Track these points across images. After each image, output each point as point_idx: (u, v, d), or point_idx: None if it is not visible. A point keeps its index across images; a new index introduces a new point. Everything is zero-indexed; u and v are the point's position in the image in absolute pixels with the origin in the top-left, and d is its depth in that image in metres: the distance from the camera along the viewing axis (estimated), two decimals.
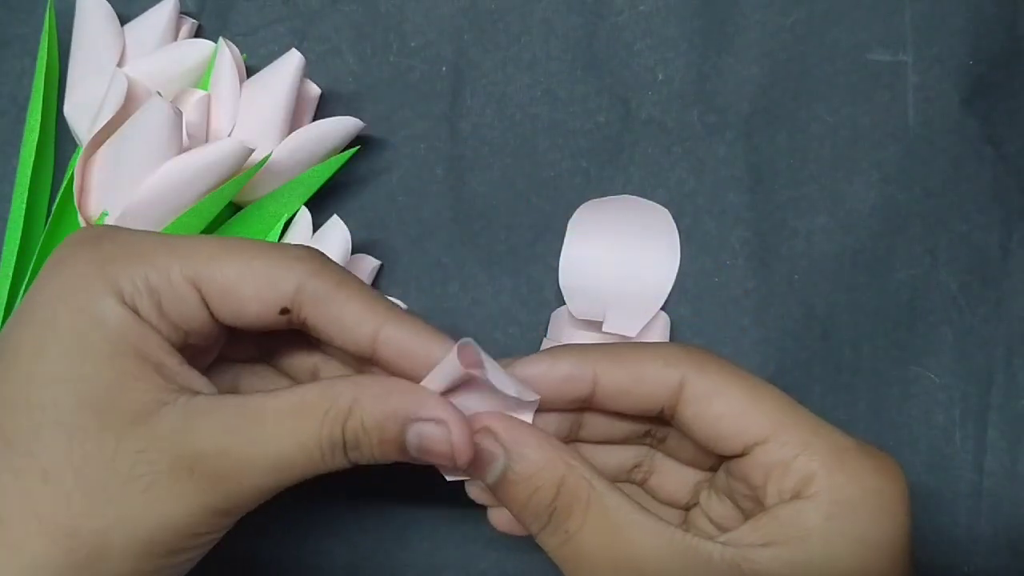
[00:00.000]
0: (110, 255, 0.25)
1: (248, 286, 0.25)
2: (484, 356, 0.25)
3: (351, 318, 0.26)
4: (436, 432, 0.25)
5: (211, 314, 0.26)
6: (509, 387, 0.26)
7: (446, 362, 0.26)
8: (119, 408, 0.24)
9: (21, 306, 0.25)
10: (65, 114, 0.36)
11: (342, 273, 0.27)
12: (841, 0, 0.39)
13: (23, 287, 0.34)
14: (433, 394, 0.26)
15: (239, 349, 0.29)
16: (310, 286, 0.26)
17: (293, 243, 0.29)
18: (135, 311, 0.25)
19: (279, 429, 0.25)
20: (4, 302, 0.34)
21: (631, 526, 0.25)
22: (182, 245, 0.26)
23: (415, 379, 0.26)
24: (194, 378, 0.25)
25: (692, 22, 0.39)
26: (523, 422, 0.27)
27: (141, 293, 0.25)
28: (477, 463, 0.26)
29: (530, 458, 0.26)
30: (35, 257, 0.35)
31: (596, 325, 0.37)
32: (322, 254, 0.27)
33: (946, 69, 0.38)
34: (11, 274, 0.35)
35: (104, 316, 0.24)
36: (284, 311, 0.26)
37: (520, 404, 0.27)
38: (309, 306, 0.26)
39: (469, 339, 0.25)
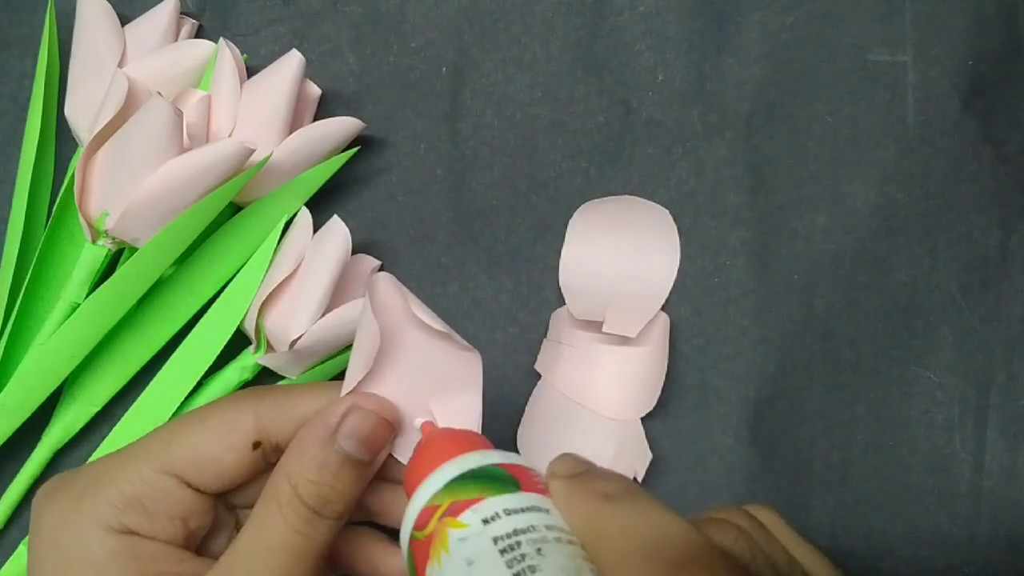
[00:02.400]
0: (81, 491, 0.26)
1: (213, 442, 0.26)
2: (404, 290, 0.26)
3: (307, 413, 0.27)
4: (355, 419, 0.26)
5: (197, 490, 0.26)
6: (432, 320, 0.27)
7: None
8: None
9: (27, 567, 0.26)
10: (66, 114, 0.36)
11: (287, 386, 0.28)
12: (841, 0, 0.39)
13: (23, 287, 0.34)
14: (334, 402, 0.27)
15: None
16: (264, 408, 0.27)
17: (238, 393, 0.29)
18: (126, 529, 0.25)
19: (256, 560, 0.25)
20: (4, 302, 0.35)
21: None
22: (140, 448, 0.27)
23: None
24: (196, 569, 0.26)
25: (692, 22, 0.39)
26: None
27: (123, 509, 0.25)
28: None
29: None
30: (35, 257, 0.35)
31: (596, 325, 0.37)
32: (268, 387, 0.28)
33: (946, 69, 0.38)
34: (11, 274, 0.35)
35: (92, 552, 0.25)
36: (256, 444, 0.27)
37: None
38: (273, 427, 0.27)
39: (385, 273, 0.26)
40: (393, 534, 0.27)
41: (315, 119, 0.37)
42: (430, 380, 0.28)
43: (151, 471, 0.26)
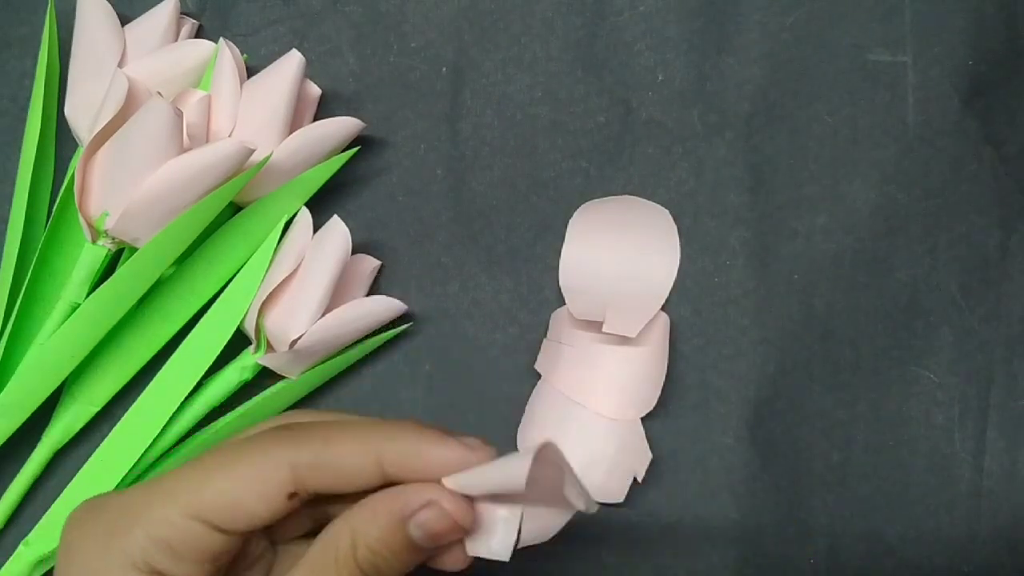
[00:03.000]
0: (111, 527, 0.25)
1: (245, 492, 0.25)
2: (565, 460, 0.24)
3: (349, 463, 0.26)
4: (431, 515, 0.25)
5: (226, 531, 0.26)
6: (579, 499, 0.25)
7: (499, 466, 0.25)
8: None
9: None
10: (66, 114, 0.36)
11: (325, 427, 0.27)
12: (841, 0, 0.39)
13: (23, 287, 0.34)
14: (416, 485, 0.26)
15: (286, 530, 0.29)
16: (302, 458, 0.26)
17: (270, 427, 0.28)
18: (153, 571, 0.25)
19: None
20: (4, 302, 0.35)
21: None
22: (169, 488, 0.26)
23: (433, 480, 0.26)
24: None
25: (692, 22, 0.39)
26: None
27: (151, 551, 0.25)
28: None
29: None
30: (35, 257, 0.35)
31: (596, 325, 0.37)
32: (299, 421, 0.27)
33: (946, 69, 0.38)
34: (11, 274, 0.35)
35: None
36: (292, 495, 0.26)
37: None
38: (311, 478, 0.26)
39: (550, 442, 0.24)
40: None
41: (315, 119, 0.37)
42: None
43: (179, 515, 0.25)
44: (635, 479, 0.36)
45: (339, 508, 0.27)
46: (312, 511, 0.28)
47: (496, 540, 0.26)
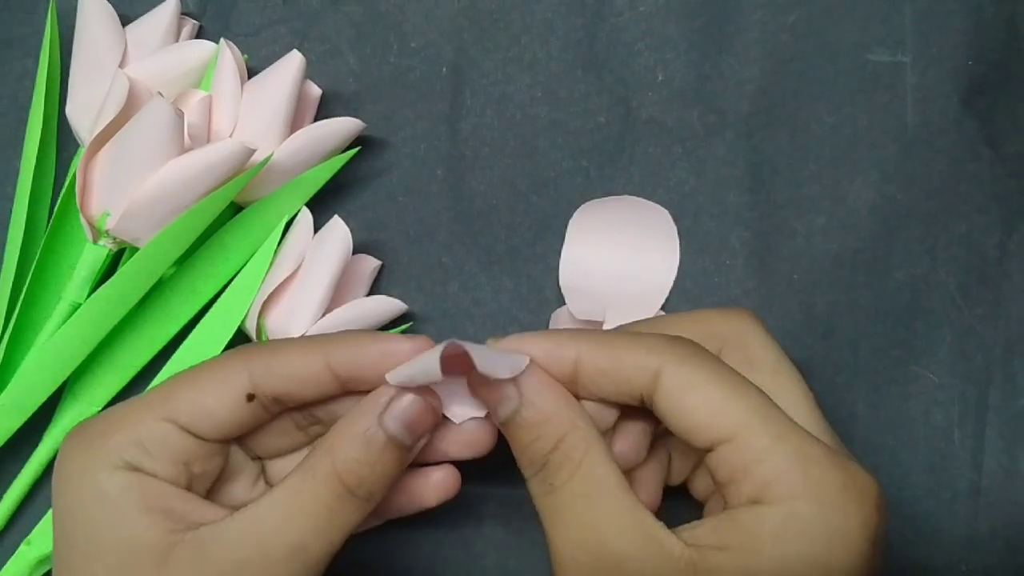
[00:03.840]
0: (92, 436, 0.27)
1: (207, 398, 0.27)
2: (470, 347, 0.26)
3: (299, 366, 0.27)
4: (402, 402, 0.27)
5: (198, 437, 0.27)
6: (504, 371, 0.27)
7: (422, 360, 0.27)
8: (139, 560, 0.26)
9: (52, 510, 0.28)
10: (67, 115, 0.36)
11: (278, 341, 0.29)
12: (841, 0, 0.39)
13: (25, 287, 0.34)
14: (386, 386, 0.27)
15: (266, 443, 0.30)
16: (256, 365, 0.27)
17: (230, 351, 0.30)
18: (131, 466, 0.27)
19: (277, 523, 0.26)
20: (6, 303, 0.35)
21: (609, 499, 0.26)
22: (142, 400, 0.28)
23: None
24: (203, 509, 0.27)
25: (692, 22, 0.39)
26: (544, 370, 0.28)
27: (128, 450, 0.27)
28: (493, 398, 0.27)
29: (540, 407, 0.27)
30: (37, 258, 0.35)
31: (597, 324, 0.37)
32: (257, 344, 0.29)
33: (945, 69, 0.39)
34: (13, 275, 0.35)
35: (102, 487, 0.26)
36: (250, 397, 0.27)
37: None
38: (265, 383, 0.27)
39: (453, 340, 0.26)
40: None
41: (315, 119, 0.38)
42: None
43: (153, 419, 0.27)
44: None
45: (294, 390, 0.29)
46: (300, 423, 0.30)
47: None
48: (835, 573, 0.25)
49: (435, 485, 0.30)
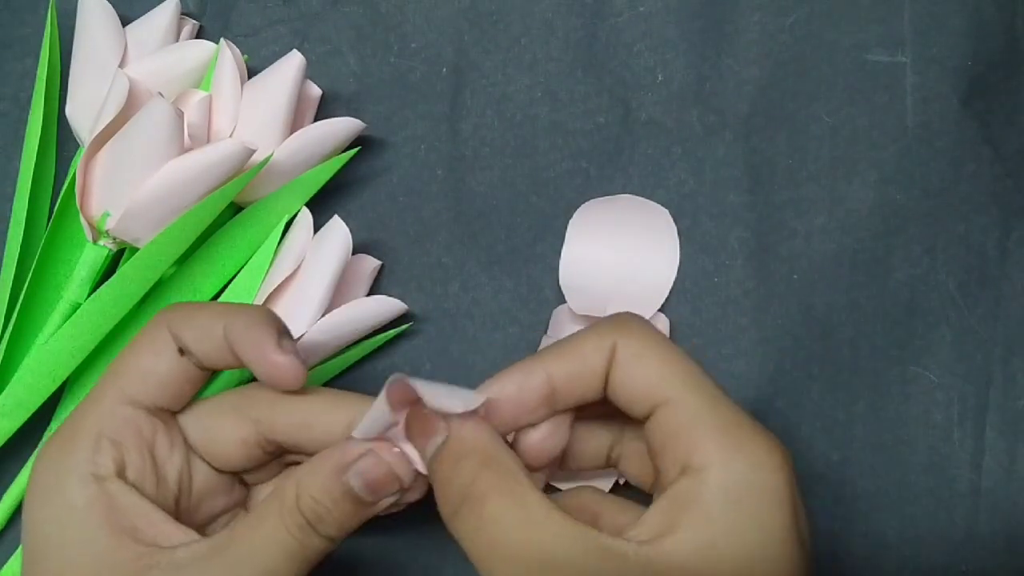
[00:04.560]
0: (62, 440, 0.28)
1: (145, 357, 0.28)
2: (418, 383, 0.26)
3: (203, 325, 0.28)
4: (368, 463, 0.27)
5: (145, 405, 0.28)
6: (456, 405, 0.27)
7: (374, 408, 0.27)
8: None
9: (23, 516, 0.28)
10: (67, 115, 0.36)
11: (197, 304, 0.30)
12: (841, 1, 0.39)
13: (25, 287, 0.34)
14: (354, 440, 0.28)
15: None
16: (175, 320, 0.29)
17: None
18: (100, 474, 0.27)
19: (250, 548, 0.26)
20: (6, 302, 0.35)
21: (548, 522, 0.25)
22: (99, 385, 0.29)
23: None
24: (173, 532, 0.27)
25: (692, 23, 0.39)
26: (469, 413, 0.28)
27: (95, 449, 0.27)
28: (423, 435, 0.27)
29: (462, 437, 0.27)
30: (37, 257, 0.35)
31: None
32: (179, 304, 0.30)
33: (945, 70, 0.39)
34: (13, 274, 0.35)
35: (72, 499, 0.27)
36: (181, 351, 0.28)
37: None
38: (190, 336, 0.28)
39: (397, 375, 0.26)
40: None
41: (315, 119, 0.38)
42: None
43: (110, 403, 0.28)
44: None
45: (306, 442, 0.29)
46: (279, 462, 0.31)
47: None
48: (777, 531, 0.25)
49: None
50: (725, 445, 0.25)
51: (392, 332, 0.37)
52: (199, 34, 0.39)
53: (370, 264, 0.37)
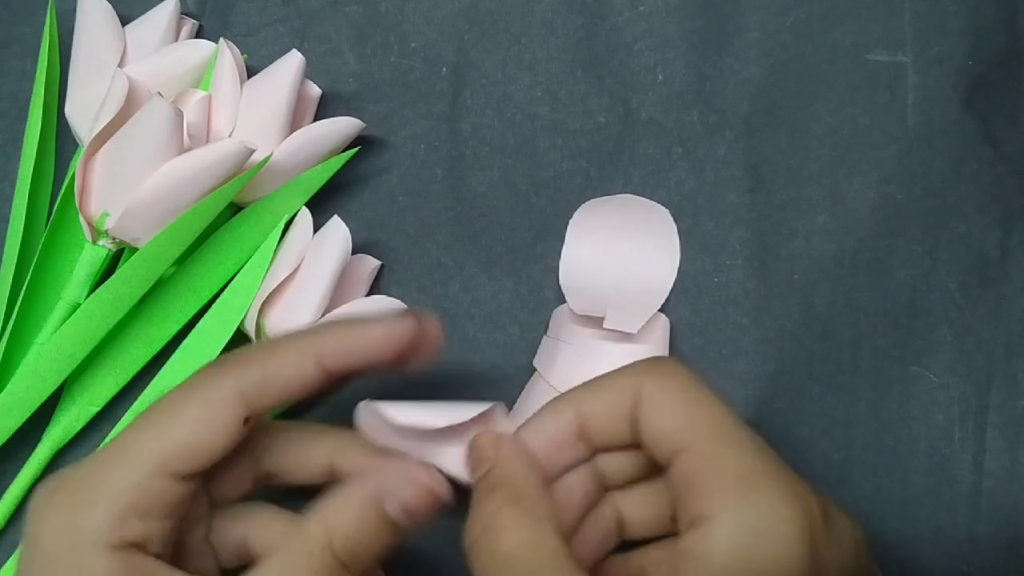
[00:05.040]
0: (78, 501, 0.25)
1: (202, 430, 0.26)
2: (380, 406, 0.27)
3: (291, 370, 0.27)
4: (406, 489, 0.26)
5: (188, 476, 0.26)
6: (438, 420, 0.27)
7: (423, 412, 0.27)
8: None
9: None
10: (66, 114, 0.36)
11: (262, 345, 0.29)
12: (841, 0, 0.39)
13: (24, 287, 0.34)
14: (391, 464, 0.27)
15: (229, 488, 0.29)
16: (248, 380, 0.26)
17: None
18: (124, 544, 0.25)
19: None
20: (5, 302, 0.35)
21: (553, 569, 0.25)
22: (132, 447, 0.26)
23: None
24: None
25: (692, 22, 0.39)
26: (522, 444, 0.28)
27: (122, 520, 0.25)
28: (474, 464, 0.27)
29: (500, 471, 0.27)
30: (36, 257, 0.35)
31: (597, 323, 0.37)
32: (244, 351, 0.28)
33: (946, 69, 0.39)
34: (12, 274, 0.35)
35: (90, 573, 0.24)
36: (247, 420, 0.26)
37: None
38: (259, 397, 0.26)
39: (364, 403, 0.26)
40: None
41: (315, 119, 0.37)
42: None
43: (146, 475, 0.25)
44: None
45: (285, 470, 0.29)
46: (253, 469, 0.29)
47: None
48: None
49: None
50: (737, 495, 0.25)
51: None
52: (199, 34, 0.39)
53: (370, 264, 0.37)
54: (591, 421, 0.27)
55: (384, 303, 0.36)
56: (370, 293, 0.38)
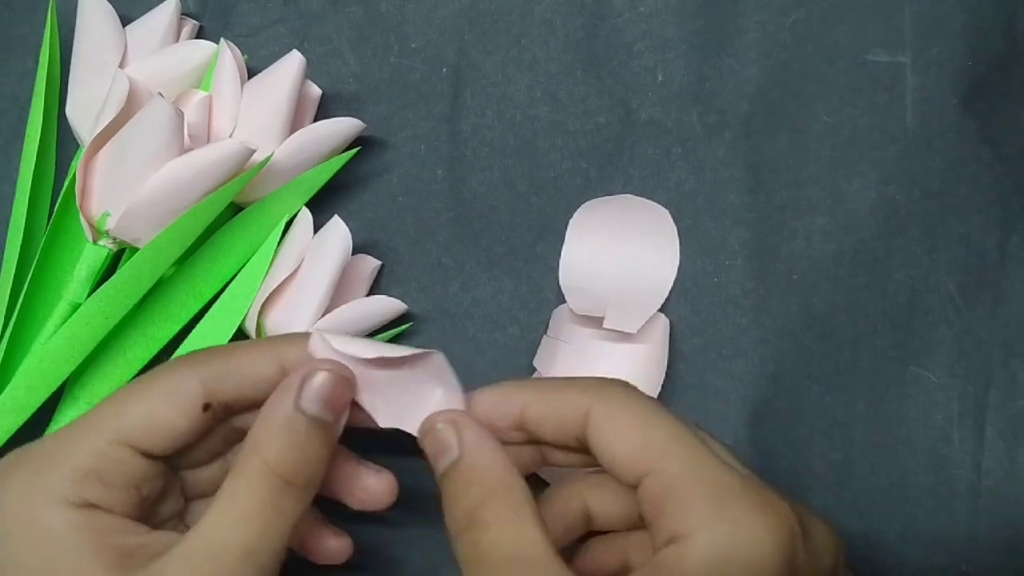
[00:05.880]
0: (39, 465, 0.26)
1: (164, 409, 0.27)
2: (327, 334, 0.27)
3: (252, 370, 0.27)
4: (315, 382, 0.27)
5: (149, 456, 0.27)
6: (368, 351, 0.27)
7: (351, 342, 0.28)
8: None
9: None
10: (67, 115, 0.36)
11: (230, 345, 0.29)
12: (841, 1, 0.39)
13: (24, 287, 0.34)
14: (295, 371, 0.27)
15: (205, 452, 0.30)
16: (209, 371, 0.27)
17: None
18: (85, 503, 0.25)
19: (227, 531, 0.25)
20: (6, 303, 0.35)
21: (545, 567, 0.25)
22: (93, 419, 0.27)
23: None
24: (156, 540, 0.26)
25: (692, 23, 0.39)
26: (483, 427, 0.28)
27: (81, 482, 0.26)
28: (436, 451, 0.27)
29: (474, 462, 0.27)
30: (37, 258, 0.35)
31: (596, 323, 0.37)
32: (210, 349, 0.29)
33: (945, 70, 0.39)
34: (13, 274, 0.35)
35: (53, 526, 0.25)
36: (206, 407, 0.27)
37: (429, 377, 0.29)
38: (220, 390, 0.27)
39: (317, 330, 0.27)
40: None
41: (315, 119, 0.38)
42: (408, 394, 0.29)
43: (106, 443, 0.26)
44: None
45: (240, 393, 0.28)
46: (219, 431, 0.29)
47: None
48: None
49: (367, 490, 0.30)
50: (710, 511, 0.25)
51: (392, 332, 0.37)
52: (199, 34, 0.39)
53: (370, 264, 0.37)
54: (532, 418, 0.28)
55: (384, 303, 0.36)
56: (370, 293, 0.38)
